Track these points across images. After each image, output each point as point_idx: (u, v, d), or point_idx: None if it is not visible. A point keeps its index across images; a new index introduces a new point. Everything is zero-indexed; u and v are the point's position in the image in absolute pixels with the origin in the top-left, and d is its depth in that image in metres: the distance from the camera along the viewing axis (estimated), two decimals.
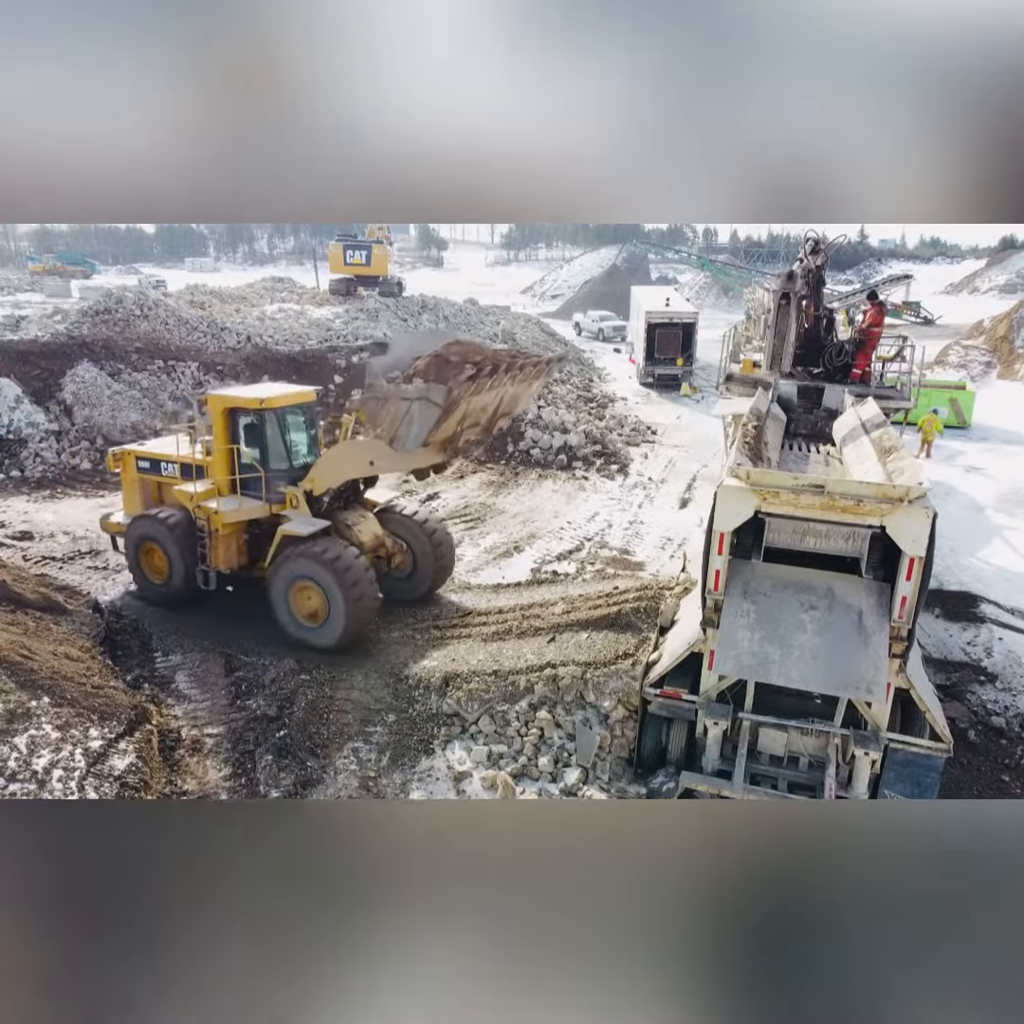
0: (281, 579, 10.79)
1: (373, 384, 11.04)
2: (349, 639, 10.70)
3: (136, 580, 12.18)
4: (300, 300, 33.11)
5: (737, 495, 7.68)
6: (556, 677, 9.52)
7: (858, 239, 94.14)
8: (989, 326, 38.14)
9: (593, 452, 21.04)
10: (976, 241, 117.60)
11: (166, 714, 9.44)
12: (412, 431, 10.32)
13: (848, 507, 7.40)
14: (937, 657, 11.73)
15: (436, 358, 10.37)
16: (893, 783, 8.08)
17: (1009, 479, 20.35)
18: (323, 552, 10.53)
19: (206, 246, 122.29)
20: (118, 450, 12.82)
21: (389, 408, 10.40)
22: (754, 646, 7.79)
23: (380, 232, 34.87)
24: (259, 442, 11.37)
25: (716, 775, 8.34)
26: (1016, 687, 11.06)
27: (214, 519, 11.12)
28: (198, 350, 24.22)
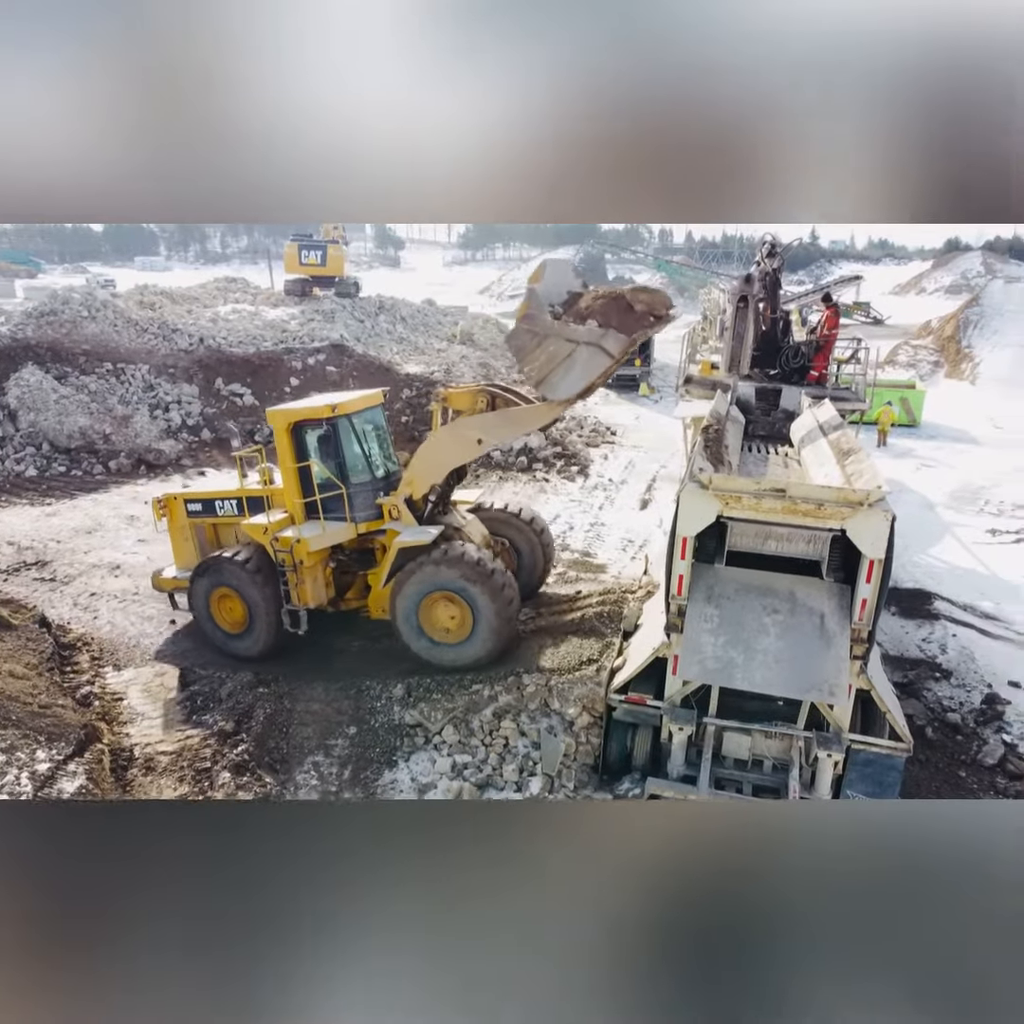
0: (408, 597, 9.74)
1: (534, 316, 9.12)
2: (499, 650, 9.76)
3: (210, 634, 10.80)
4: (254, 301, 32.54)
5: (699, 500, 7.67)
6: (520, 685, 9.43)
7: (809, 240, 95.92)
8: (936, 326, 39.13)
9: (553, 454, 21.03)
10: (922, 243, 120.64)
11: (118, 732, 9.14)
12: (569, 377, 8.87)
13: (809, 511, 7.44)
14: (894, 655, 11.92)
15: (616, 301, 8.94)
16: (855, 783, 8.14)
17: (958, 476, 20.86)
18: (461, 556, 9.51)
19: (157, 244, 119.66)
20: (162, 496, 11.67)
21: (547, 347, 8.96)
22: (718, 651, 7.79)
23: (335, 232, 34.41)
24: (335, 455, 10.25)
25: (681, 780, 8.33)
26: (970, 683, 11.28)
27: (297, 549, 9.88)
28: (148, 352, 23.64)
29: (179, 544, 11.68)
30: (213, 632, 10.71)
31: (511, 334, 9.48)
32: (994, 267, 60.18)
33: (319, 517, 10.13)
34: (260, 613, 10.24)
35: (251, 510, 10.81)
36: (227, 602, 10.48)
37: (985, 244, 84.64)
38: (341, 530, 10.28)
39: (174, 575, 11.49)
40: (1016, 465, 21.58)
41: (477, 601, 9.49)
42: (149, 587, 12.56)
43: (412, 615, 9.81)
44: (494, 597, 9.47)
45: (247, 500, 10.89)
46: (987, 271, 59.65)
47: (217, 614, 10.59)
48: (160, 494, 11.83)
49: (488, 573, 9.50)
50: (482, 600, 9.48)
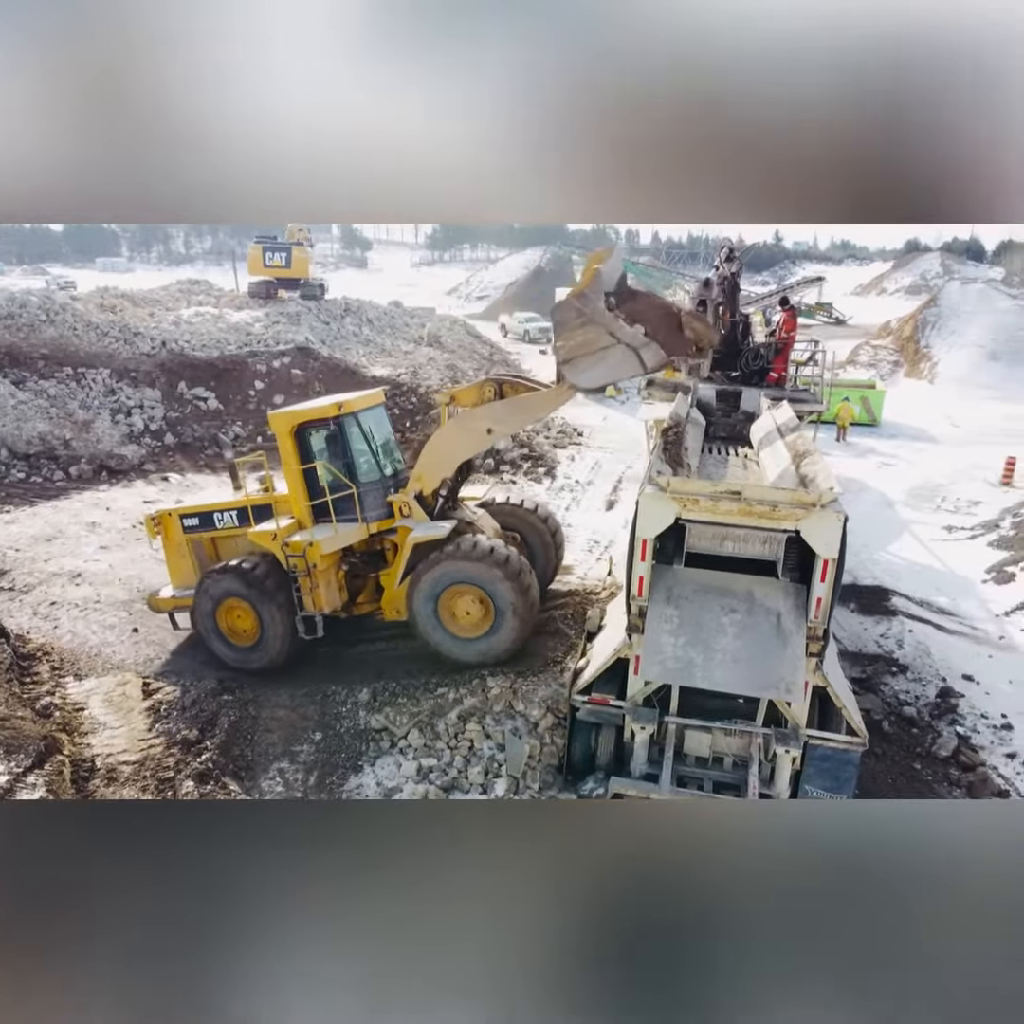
0: (425, 593, 9.68)
1: (588, 297, 8.79)
2: (522, 640, 9.78)
3: (219, 651, 10.47)
4: (218, 303, 32.18)
5: (658, 503, 7.79)
6: (485, 687, 9.50)
7: (773, 241, 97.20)
8: (896, 326, 39.88)
9: (520, 455, 21.12)
10: (883, 244, 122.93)
11: (79, 743, 9.03)
12: (597, 369, 8.81)
13: (764, 512, 7.60)
14: (853, 650, 12.18)
15: (670, 317, 8.98)
16: (813, 778, 8.32)
17: (916, 474, 21.32)
18: (473, 548, 9.43)
19: (119, 245, 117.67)
20: (156, 514, 11.23)
21: (588, 331, 8.72)
22: (678, 651, 7.91)
23: (300, 234, 34.15)
24: (344, 455, 10.11)
25: (644, 778, 8.45)
26: (925, 676, 11.57)
27: (310, 553, 9.72)
28: (109, 356, 23.28)
29: (175, 562, 11.30)
30: (220, 647, 10.43)
31: (558, 305, 9.08)
32: (952, 268, 61.54)
33: (327, 520, 9.98)
34: (273, 623, 10.03)
35: (253, 519, 10.56)
36: (234, 614, 10.27)
37: (943, 245, 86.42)
38: (353, 531, 10.15)
39: (172, 594, 11.18)
40: (973, 463, 22.11)
41: (497, 590, 9.45)
42: (111, 595, 12.43)
43: (431, 611, 9.73)
44: (513, 584, 9.43)
45: (252, 509, 10.62)
46: (945, 272, 60.96)
47: (224, 628, 10.35)
48: (153, 511, 11.46)
49: (504, 560, 9.45)
50: (502, 588, 9.44)
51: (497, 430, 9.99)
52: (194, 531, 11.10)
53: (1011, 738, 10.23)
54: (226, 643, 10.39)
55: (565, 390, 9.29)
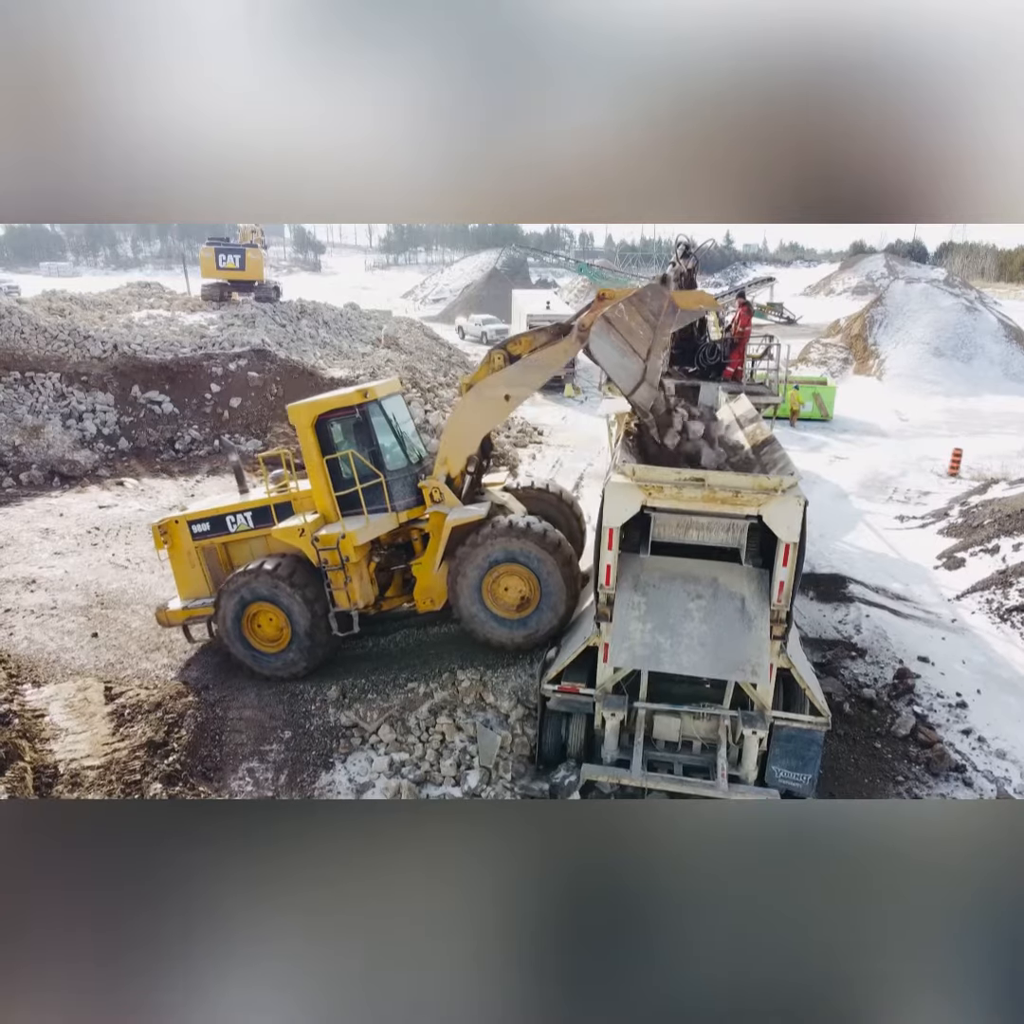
0: (469, 575, 9.51)
1: (672, 316, 8.89)
2: (569, 614, 9.61)
3: (245, 659, 10.06)
4: (170, 306, 31.61)
5: (624, 491, 7.91)
6: (455, 680, 9.52)
7: (724, 244, 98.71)
8: (845, 325, 40.82)
9: None
10: (830, 246, 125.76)
11: (41, 749, 8.82)
12: (610, 351, 8.63)
13: (727, 498, 7.76)
14: (813, 637, 12.47)
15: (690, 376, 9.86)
16: (779, 759, 8.51)
17: (868, 467, 21.87)
18: (510, 526, 9.35)
19: (63, 249, 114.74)
20: (162, 522, 10.69)
21: (642, 327, 8.64)
22: (646, 637, 8.05)
23: (254, 236, 33.70)
24: (370, 443, 9.92)
25: (615, 765, 8.56)
26: (883, 659, 11.90)
27: (343, 545, 9.43)
28: (59, 360, 22.69)
29: (184, 571, 10.77)
30: (247, 654, 10.04)
31: (657, 288, 9.01)
32: (896, 268, 63.09)
33: (358, 511, 9.75)
34: (303, 624, 9.73)
35: (267, 522, 10.22)
36: (260, 618, 9.93)
37: (887, 247, 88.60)
38: (384, 520, 9.93)
39: (183, 605, 10.69)
40: (921, 455, 22.76)
41: (542, 565, 9.40)
42: (67, 600, 12.14)
43: (476, 594, 9.61)
44: (556, 556, 9.41)
45: (266, 509, 10.32)
46: (890, 272, 62.51)
47: (250, 634, 10.01)
48: (158, 520, 10.88)
49: (542, 534, 9.41)
50: (545, 568, 9.41)
51: (515, 394, 9.79)
52: (204, 537, 10.64)
53: (966, 715, 10.59)
54: (253, 650, 10.02)
55: (573, 343, 9.19)
